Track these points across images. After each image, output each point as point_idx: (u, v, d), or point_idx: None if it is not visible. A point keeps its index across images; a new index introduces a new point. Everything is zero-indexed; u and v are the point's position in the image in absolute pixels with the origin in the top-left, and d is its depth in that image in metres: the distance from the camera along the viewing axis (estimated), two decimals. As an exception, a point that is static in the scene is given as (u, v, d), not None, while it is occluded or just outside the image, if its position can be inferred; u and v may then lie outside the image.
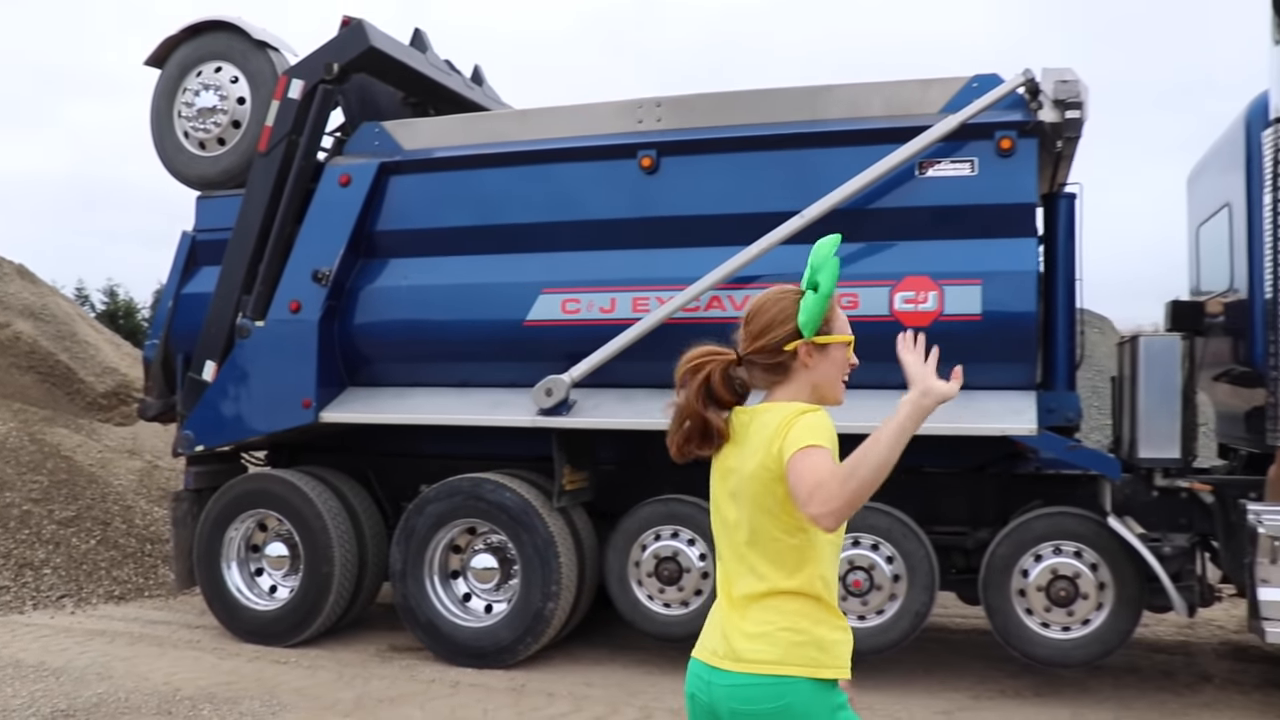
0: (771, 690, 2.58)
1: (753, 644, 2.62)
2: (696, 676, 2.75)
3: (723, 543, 2.78)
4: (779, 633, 2.61)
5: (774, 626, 2.62)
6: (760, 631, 2.62)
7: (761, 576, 2.66)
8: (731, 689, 2.62)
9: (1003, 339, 6.84)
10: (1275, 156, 6.49)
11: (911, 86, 7.20)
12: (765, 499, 2.63)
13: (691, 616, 7.46)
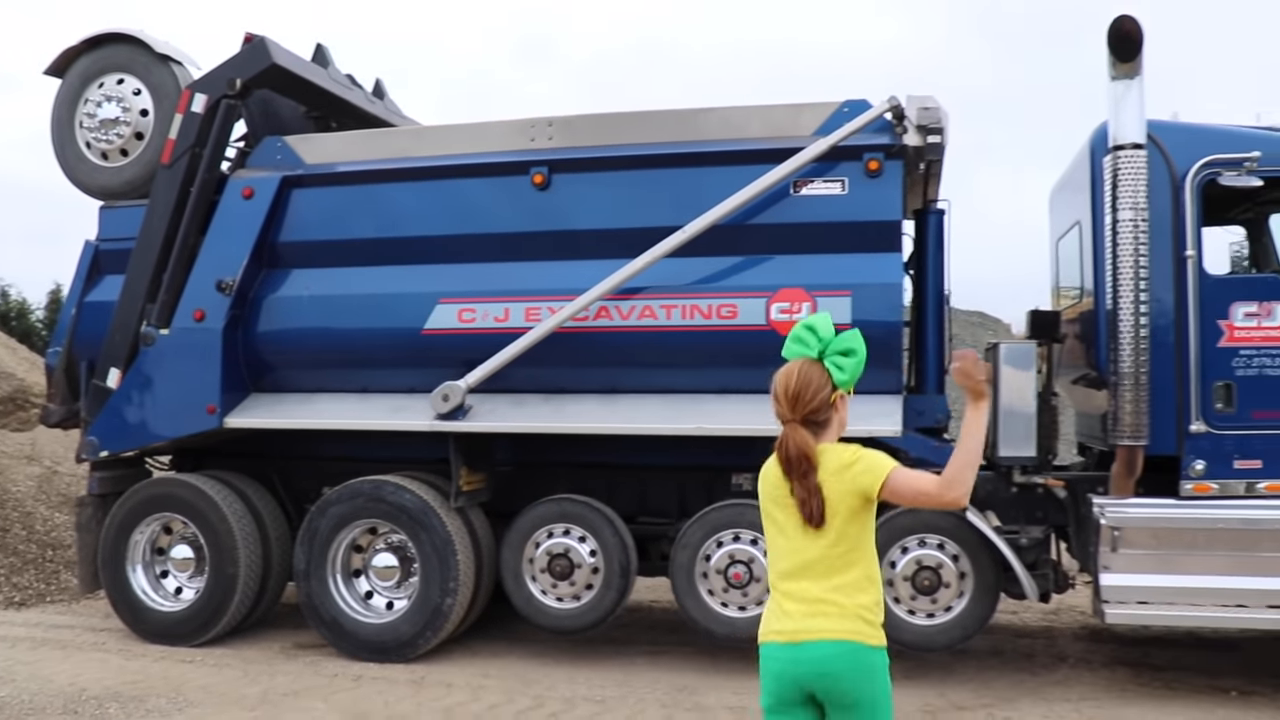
0: (861, 655, 3.35)
1: (831, 623, 3.37)
2: (779, 654, 3.38)
3: (784, 548, 3.50)
4: (851, 610, 3.37)
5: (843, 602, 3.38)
6: (838, 607, 3.37)
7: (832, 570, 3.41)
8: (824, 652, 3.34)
9: (872, 346, 7.28)
10: (1114, 180, 7.04)
11: (786, 110, 7.67)
12: (855, 517, 3.40)
13: (582, 610, 7.86)
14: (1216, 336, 7.23)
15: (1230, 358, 7.21)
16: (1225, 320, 7.23)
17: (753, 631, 7.21)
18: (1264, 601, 7.11)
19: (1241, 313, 7.23)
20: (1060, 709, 6.99)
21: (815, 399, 3.47)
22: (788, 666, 3.35)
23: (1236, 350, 7.21)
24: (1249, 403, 7.19)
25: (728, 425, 7.49)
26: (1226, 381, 7.22)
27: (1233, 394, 7.20)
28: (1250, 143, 7.23)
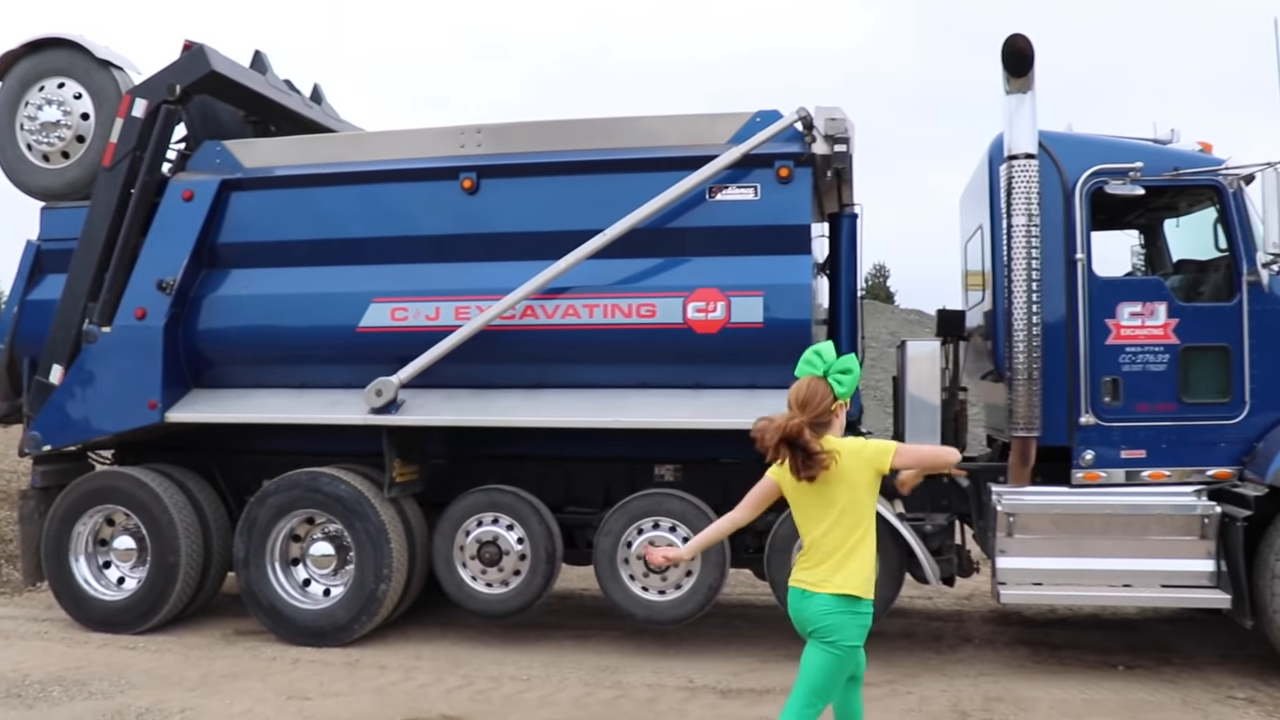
0: (839, 606, 4.38)
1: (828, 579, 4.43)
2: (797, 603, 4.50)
3: (809, 518, 4.57)
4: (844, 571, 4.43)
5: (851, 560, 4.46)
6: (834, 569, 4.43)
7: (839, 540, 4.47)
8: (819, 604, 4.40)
9: (782, 343, 7.72)
10: (1009, 188, 7.51)
11: (703, 120, 8.07)
12: (860, 494, 4.47)
13: (510, 595, 8.24)
14: (1104, 335, 7.71)
15: (1117, 354, 7.71)
16: (1112, 319, 7.72)
17: (671, 614, 7.69)
18: (1150, 581, 7.60)
19: (1127, 312, 7.72)
20: (959, 684, 7.44)
21: (820, 406, 4.47)
22: (798, 609, 4.51)
23: (1123, 347, 7.70)
24: (1134, 396, 7.69)
25: (647, 418, 7.89)
26: (1113, 377, 7.70)
27: (1119, 388, 7.69)
28: (1134, 154, 7.73)
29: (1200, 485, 7.61)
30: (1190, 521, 7.49)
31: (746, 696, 7.17)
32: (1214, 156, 7.87)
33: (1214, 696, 7.15)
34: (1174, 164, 7.75)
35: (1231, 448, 7.66)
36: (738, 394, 7.88)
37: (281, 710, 6.83)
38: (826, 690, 4.42)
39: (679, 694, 7.24)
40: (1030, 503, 7.63)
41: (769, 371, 7.76)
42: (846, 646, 4.39)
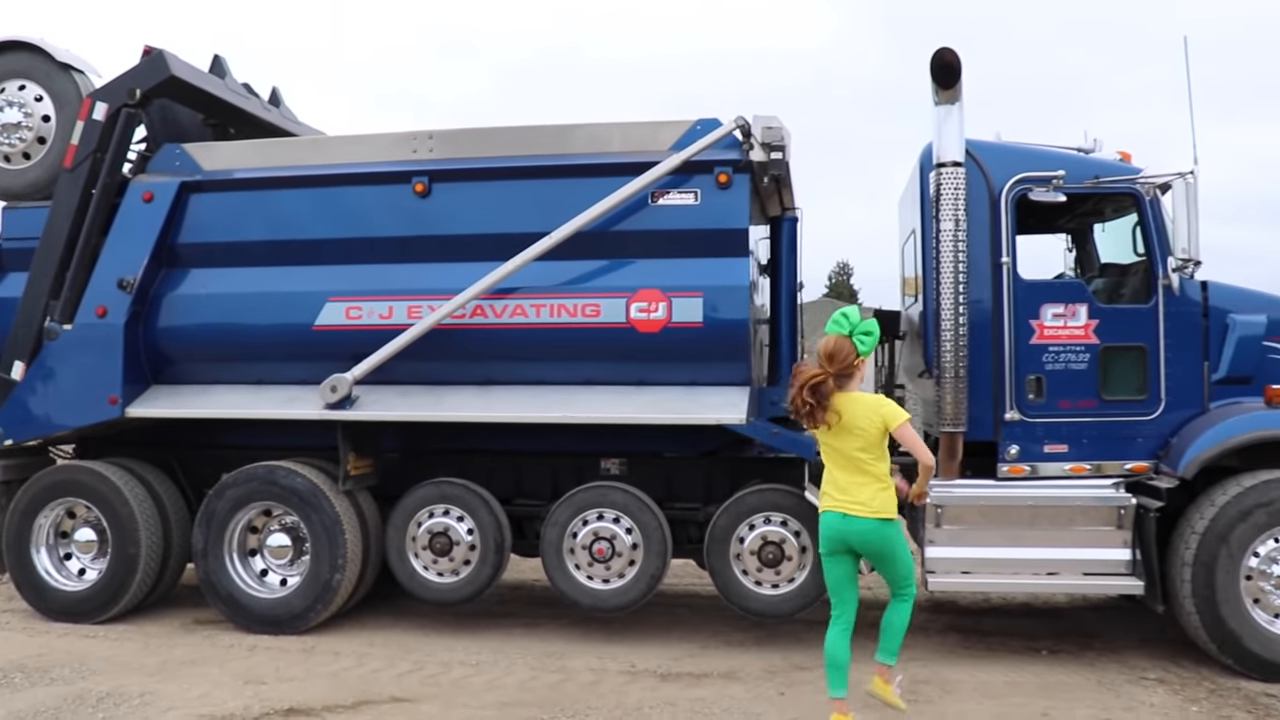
0: (877, 526, 5.90)
1: (865, 503, 5.88)
2: (836, 520, 5.97)
3: (834, 460, 5.99)
4: (876, 496, 5.89)
5: (872, 493, 5.89)
6: (868, 497, 5.88)
7: (863, 473, 5.90)
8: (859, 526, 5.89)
9: (720, 342, 8.10)
10: (937, 194, 7.87)
11: (645, 127, 8.39)
12: (871, 439, 5.84)
13: (461, 584, 8.54)
14: (1029, 335, 8.08)
15: (1040, 354, 8.08)
16: (1036, 320, 8.10)
17: (615, 602, 8.00)
18: (1071, 570, 7.98)
19: (1050, 313, 8.10)
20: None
21: (845, 360, 5.82)
22: (836, 526, 5.96)
23: (1046, 347, 8.08)
24: (1056, 393, 8.07)
25: (592, 414, 8.21)
26: (1037, 375, 8.07)
27: (1042, 386, 8.06)
28: (1057, 162, 8.11)
29: (1118, 478, 7.99)
30: (1108, 513, 7.86)
31: (685, 680, 7.51)
32: (1132, 165, 8.25)
33: (1128, 678, 7.55)
34: (1095, 172, 8.12)
35: (1148, 443, 8.05)
36: (679, 391, 8.22)
37: (238, 694, 7.10)
38: (909, 570, 6.20)
39: (621, 677, 7.56)
40: (957, 495, 7.99)
41: (709, 369, 8.13)
42: (897, 549, 6.04)
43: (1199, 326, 8.03)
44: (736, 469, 8.82)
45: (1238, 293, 8.16)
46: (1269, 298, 8.19)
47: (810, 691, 7.19)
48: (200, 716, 6.64)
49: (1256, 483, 7.51)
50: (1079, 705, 6.93)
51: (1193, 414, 8.01)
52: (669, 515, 8.50)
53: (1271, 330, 8.03)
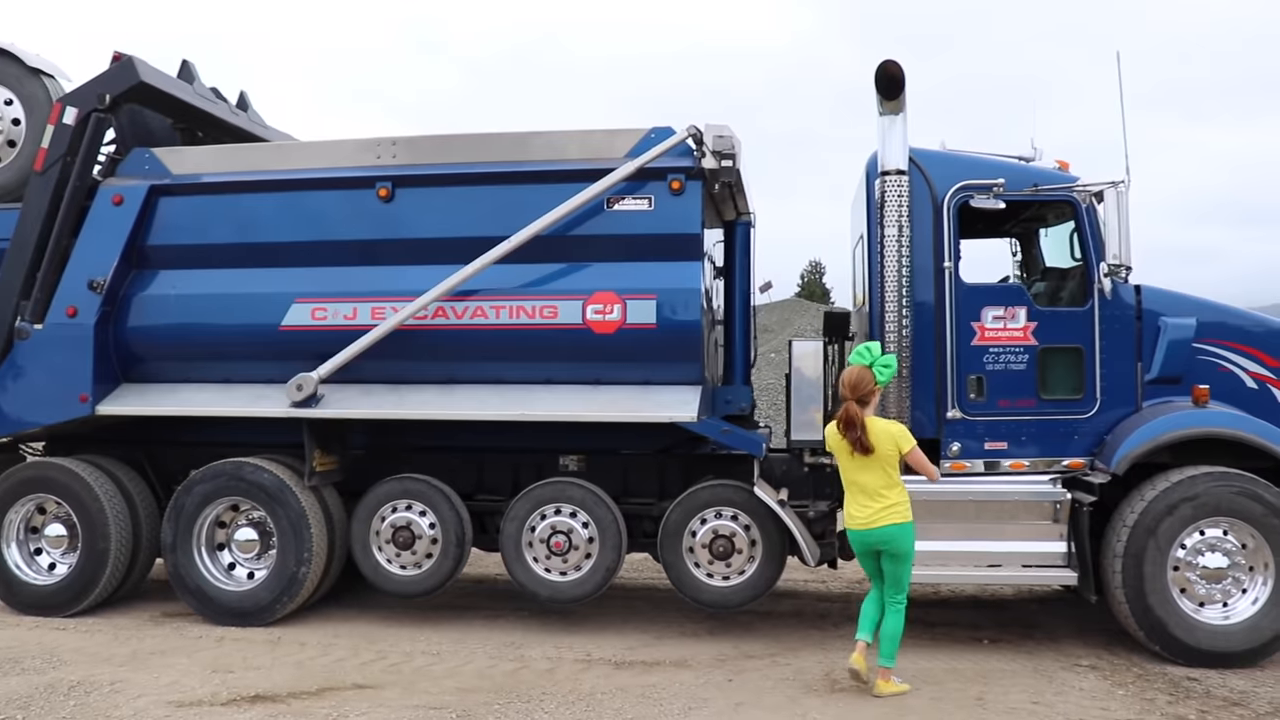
0: (900, 529, 6.90)
1: (883, 515, 6.89)
2: (859, 535, 7.04)
3: (854, 478, 7.01)
4: (892, 505, 6.91)
5: (888, 503, 6.91)
6: (885, 506, 6.89)
7: (882, 485, 6.93)
8: (881, 533, 6.90)
9: (674, 343, 8.39)
10: (882, 201, 8.19)
11: (601, 135, 8.68)
12: (888, 461, 6.86)
13: (423, 577, 8.82)
14: (970, 336, 8.42)
15: (981, 354, 8.42)
16: (977, 322, 8.43)
17: (572, 594, 8.28)
18: (1011, 562, 8.32)
19: (990, 316, 8.43)
20: (835, 656, 8.09)
21: (865, 388, 6.89)
22: (863, 539, 6.98)
23: (987, 348, 8.42)
24: (996, 393, 8.40)
25: (550, 411, 8.50)
26: (978, 375, 8.41)
27: (983, 385, 8.40)
28: (997, 170, 8.44)
29: (1055, 474, 8.34)
30: (1045, 507, 8.21)
31: (638, 668, 7.80)
32: (1069, 174, 8.60)
33: (1062, 665, 7.89)
34: (1034, 180, 8.46)
35: (1084, 440, 8.40)
36: (634, 389, 8.51)
37: (206, 682, 7.34)
38: (907, 579, 7.06)
39: (576, 665, 7.86)
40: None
41: (663, 369, 8.44)
42: (908, 548, 6.99)
43: (1133, 329, 8.39)
44: (690, 465, 9.12)
45: (1169, 296, 8.52)
46: (1198, 301, 8.55)
47: (757, 678, 7.50)
48: (169, 703, 6.87)
49: (1183, 478, 7.86)
50: (1013, 690, 7.24)
51: (1126, 413, 8.37)
52: (625, 510, 8.80)
53: (1200, 332, 8.39)
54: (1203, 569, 7.85)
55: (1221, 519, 7.83)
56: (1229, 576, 7.83)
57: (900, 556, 6.94)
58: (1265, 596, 7.78)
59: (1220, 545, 7.85)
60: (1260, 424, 8.08)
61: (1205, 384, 8.24)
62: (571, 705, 6.88)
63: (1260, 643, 7.75)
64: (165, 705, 6.84)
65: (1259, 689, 7.25)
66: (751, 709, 6.83)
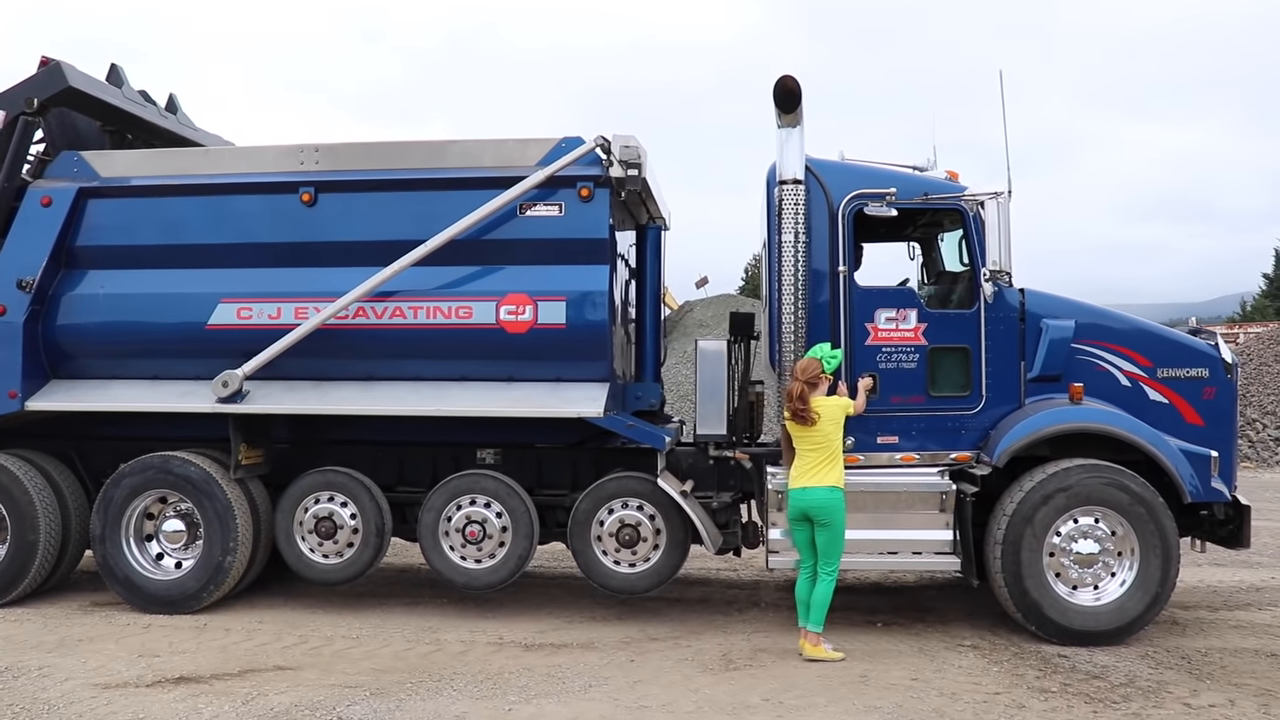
0: (830, 494, 7.89)
1: (820, 476, 7.92)
2: (798, 494, 8.02)
3: (803, 447, 8.03)
4: (831, 471, 7.94)
5: (828, 469, 7.95)
6: (824, 473, 7.93)
7: (824, 453, 7.98)
8: (815, 494, 7.93)
9: (582, 342, 8.83)
10: (779, 209, 8.67)
11: (514, 144, 9.09)
12: (830, 433, 7.97)
13: (344, 565, 9.21)
14: (864, 336, 8.92)
15: (875, 354, 8.92)
16: (871, 323, 8.94)
17: (486, 580, 8.68)
18: (901, 549, 8.82)
19: (883, 317, 8.95)
20: (734, 638, 8.59)
21: (811, 373, 8.02)
22: (801, 499, 7.89)
23: (880, 347, 8.92)
24: (889, 390, 8.91)
25: (464, 407, 8.92)
26: (872, 373, 8.91)
27: (876, 383, 8.90)
28: (890, 180, 8.95)
29: (943, 467, 8.86)
30: (932, 498, 8.73)
31: (546, 649, 8.25)
32: (958, 184, 9.12)
33: (946, 645, 8.43)
34: (924, 190, 8.97)
35: (970, 435, 8.94)
36: (545, 386, 8.95)
37: (133, 665, 7.69)
38: (839, 550, 8.01)
39: (488, 648, 8.29)
40: (796, 481, 8.78)
41: (572, 366, 8.88)
42: (839, 519, 7.88)
43: (1016, 330, 8.94)
44: (601, 458, 9.56)
45: (1050, 299, 9.08)
46: (1077, 304, 9.12)
47: (658, 659, 7.97)
48: (96, 686, 7.21)
49: (1058, 470, 8.43)
50: (895, 668, 7.76)
51: (1010, 409, 8.92)
52: (539, 501, 9.25)
53: (1079, 333, 8.95)
54: (1076, 555, 8.40)
55: (1093, 508, 8.39)
56: (1099, 561, 8.40)
57: (831, 526, 7.85)
58: (1131, 579, 8.36)
59: (1092, 532, 8.41)
60: (1130, 420, 8.65)
61: (1082, 382, 8.81)
62: (480, 684, 7.31)
63: (1126, 621, 8.33)
64: (92, 688, 7.17)
65: (1119, 663, 7.82)
66: (649, 686, 7.28)
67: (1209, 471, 8.51)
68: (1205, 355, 8.98)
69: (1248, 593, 10.39)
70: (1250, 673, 7.60)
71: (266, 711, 6.67)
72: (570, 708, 6.79)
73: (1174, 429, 8.77)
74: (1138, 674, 7.55)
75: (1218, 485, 8.54)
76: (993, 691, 7.19)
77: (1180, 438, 8.70)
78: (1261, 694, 7.12)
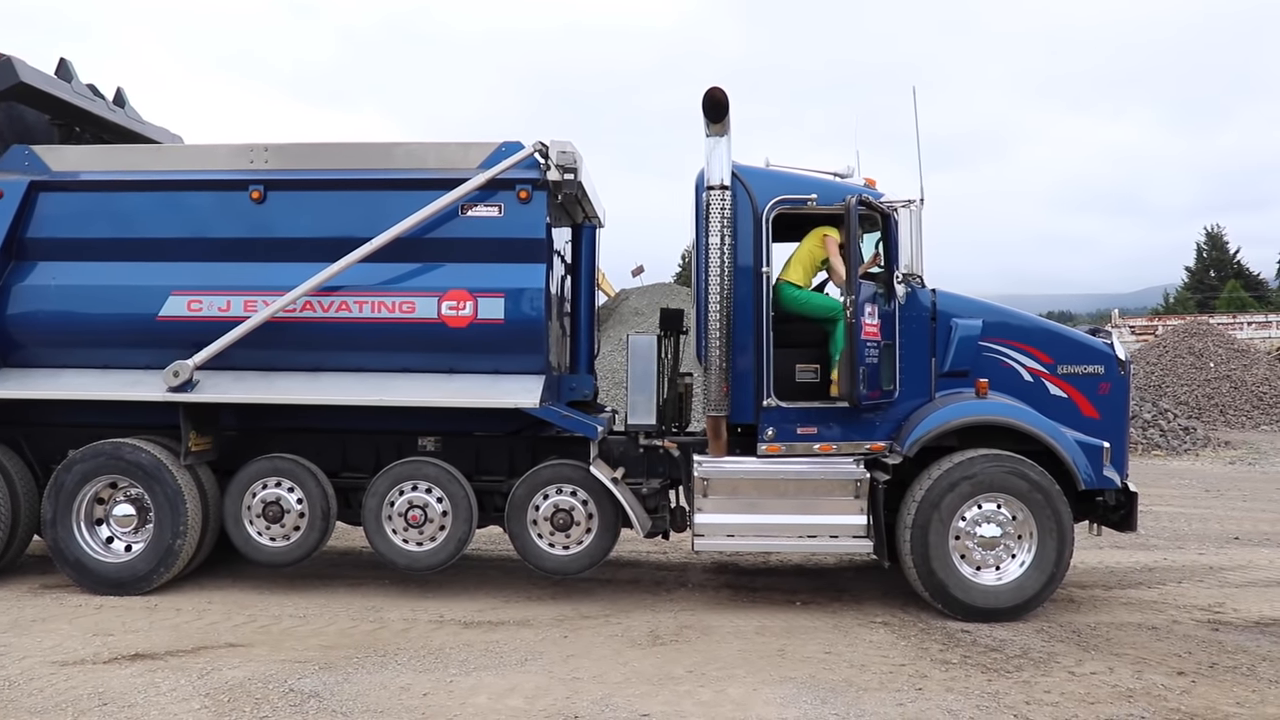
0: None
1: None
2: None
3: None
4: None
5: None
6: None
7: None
8: None
9: (520, 337, 9.31)
10: (706, 213, 9.19)
11: (457, 147, 9.53)
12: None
13: (291, 548, 9.61)
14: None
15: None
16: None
17: (427, 562, 9.17)
18: (819, 533, 9.40)
19: (802, 315, 9.50)
20: (662, 616, 9.12)
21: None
22: None
23: (800, 343, 9.49)
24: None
25: (407, 398, 9.36)
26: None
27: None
28: (811, 187, 9.53)
29: (859, 456, 9.46)
30: (847, 485, 9.32)
31: (485, 626, 8.74)
32: (876, 190, 9.70)
33: (860, 622, 9.03)
34: (844, 195, 9.54)
35: (885, 426, 9.55)
36: (484, 378, 9.43)
37: (88, 644, 8.04)
38: None
39: (429, 625, 8.76)
40: (720, 470, 9.36)
41: (510, 359, 9.37)
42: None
43: (928, 328, 9.55)
44: (538, 446, 10.05)
45: (960, 300, 9.71)
46: (985, 305, 9.76)
47: (590, 635, 8.49)
48: (54, 663, 7.56)
49: (963, 459, 9.05)
50: (811, 643, 8.33)
51: (921, 402, 9.54)
52: (478, 487, 9.72)
53: (986, 332, 9.58)
54: (979, 538, 9.04)
55: (996, 495, 9.03)
56: (1001, 544, 9.04)
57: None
58: (1029, 560, 9.01)
59: (994, 517, 9.05)
60: (1031, 413, 9.30)
61: (988, 378, 9.44)
62: (423, 658, 7.78)
63: (1024, 599, 8.99)
64: (50, 665, 7.52)
65: (1016, 637, 8.47)
66: (580, 659, 7.80)
67: (1102, 461, 9.17)
68: (1102, 353, 9.65)
69: (1141, 573, 11.11)
70: (1131, 644, 8.28)
71: (222, 684, 7.10)
72: (507, 679, 7.29)
73: (1072, 421, 9.42)
74: (1031, 646, 8.19)
75: (1110, 474, 9.20)
76: (899, 663, 7.79)
77: (1077, 429, 9.35)
78: (1138, 662, 7.80)
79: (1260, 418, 31.52)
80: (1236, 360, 34.06)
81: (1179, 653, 8.07)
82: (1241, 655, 8.01)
